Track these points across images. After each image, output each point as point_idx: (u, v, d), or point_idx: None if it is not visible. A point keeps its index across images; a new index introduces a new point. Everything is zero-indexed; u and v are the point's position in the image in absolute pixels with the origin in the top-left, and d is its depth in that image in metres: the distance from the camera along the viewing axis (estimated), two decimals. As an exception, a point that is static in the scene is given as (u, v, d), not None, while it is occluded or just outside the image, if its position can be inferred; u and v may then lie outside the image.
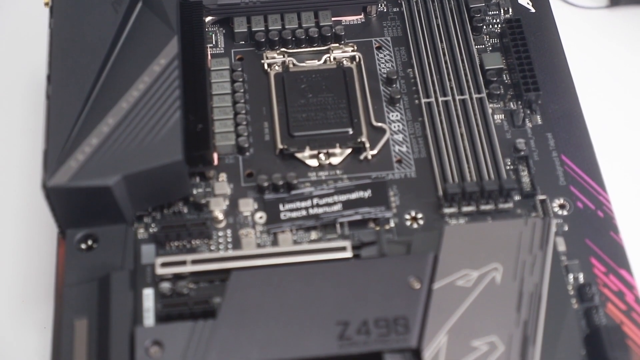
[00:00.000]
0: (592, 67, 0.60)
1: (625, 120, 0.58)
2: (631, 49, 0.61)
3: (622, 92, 0.59)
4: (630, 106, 0.59)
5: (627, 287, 0.48)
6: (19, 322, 0.50)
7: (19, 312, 0.50)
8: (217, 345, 0.44)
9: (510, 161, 0.52)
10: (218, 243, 0.50)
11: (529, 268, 0.47)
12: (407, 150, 0.53)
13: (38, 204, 0.51)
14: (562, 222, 0.50)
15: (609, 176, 0.53)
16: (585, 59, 0.59)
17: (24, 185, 0.54)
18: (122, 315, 0.45)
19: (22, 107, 0.57)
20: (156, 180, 0.47)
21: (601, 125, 0.57)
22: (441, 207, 0.51)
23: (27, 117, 0.57)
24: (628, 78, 0.60)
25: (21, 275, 0.51)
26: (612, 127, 0.57)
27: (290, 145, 0.52)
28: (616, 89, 0.59)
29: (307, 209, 0.50)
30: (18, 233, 0.53)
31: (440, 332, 0.45)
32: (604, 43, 0.61)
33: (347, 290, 0.46)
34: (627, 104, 0.59)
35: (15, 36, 0.60)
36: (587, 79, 0.58)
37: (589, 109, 0.55)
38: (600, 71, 0.60)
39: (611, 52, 0.61)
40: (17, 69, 0.59)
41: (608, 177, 0.52)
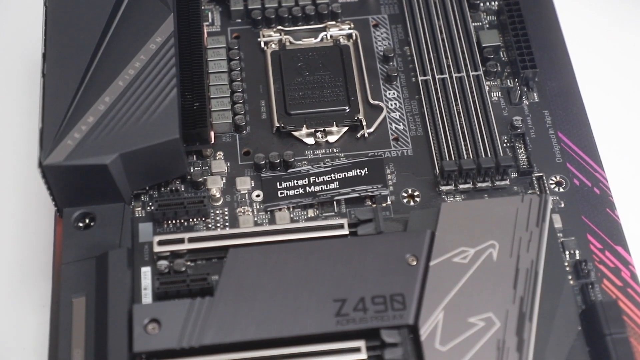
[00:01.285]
0: (589, 44, 0.59)
1: (622, 97, 0.58)
2: (628, 26, 0.61)
3: (619, 70, 0.59)
4: (627, 83, 0.59)
5: (623, 263, 0.49)
6: (17, 300, 0.50)
7: (17, 290, 0.50)
8: (214, 323, 0.45)
9: (507, 138, 0.52)
10: (215, 221, 0.50)
11: (526, 245, 0.47)
12: (404, 128, 0.53)
13: (35, 183, 0.51)
14: (558, 199, 0.50)
15: (606, 153, 0.53)
16: (582, 36, 0.59)
17: (21, 164, 0.54)
18: (119, 293, 0.45)
19: (17, 86, 0.57)
20: (153, 158, 0.47)
21: (598, 102, 0.57)
22: (438, 184, 0.51)
23: (23, 95, 0.57)
24: (625, 55, 0.60)
25: (19, 254, 0.51)
26: (609, 104, 0.57)
27: (287, 124, 0.52)
28: (613, 66, 0.59)
29: (304, 187, 0.50)
30: (16, 212, 0.53)
31: (437, 309, 0.45)
32: (601, 20, 0.61)
33: (344, 268, 0.46)
34: (624, 81, 0.59)
35: (10, 14, 0.60)
36: (584, 56, 0.58)
37: (586, 86, 0.55)
38: (598, 48, 0.60)
39: (608, 30, 0.61)
40: (12, 47, 0.59)
41: (605, 154, 0.53)
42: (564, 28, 0.57)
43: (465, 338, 0.44)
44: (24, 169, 0.54)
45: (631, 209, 0.53)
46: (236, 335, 0.44)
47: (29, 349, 0.48)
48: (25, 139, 0.55)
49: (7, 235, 0.52)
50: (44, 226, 0.52)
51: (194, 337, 0.44)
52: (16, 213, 0.53)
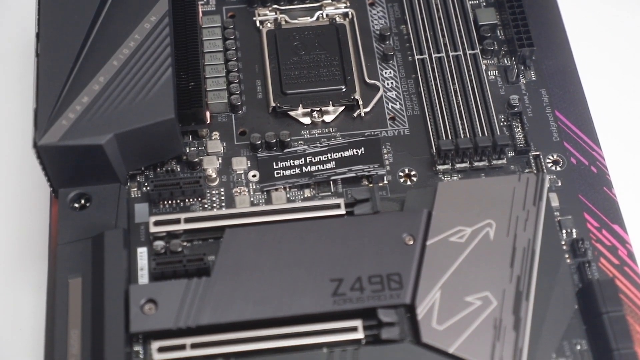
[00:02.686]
0: (586, 22, 0.59)
1: (620, 76, 0.58)
2: (625, 4, 0.61)
3: (617, 48, 0.59)
4: (624, 62, 0.58)
5: (620, 242, 0.49)
6: (13, 282, 0.50)
7: (13, 272, 0.50)
8: (211, 303, 0.45)
9: (504, 117, 0.52)
10: (211, 201, 0.49)
11: (522, 224, 0.47)
12: (401, 108, 0.53)
13: (31, 164, 0.51)
14: (555, 178, 0.50)
15: (603, 132, 0.53)
16: (579, 14, 0.59)
17: (16, 145, 0.54)
18: (116, 274, 0.45)
19: (11, 66, 0.57)
20: (148, 138, 0.47)
21: (595, 80, 0.56)
22: (435, 164, 0.51)
23: (17, 75, 0.56)
24: (623, 33, 0.59)
25: (15, 236, 0.51)
26: (606, 83, 0.57)
27: (283, 103, 0.52)
28: (611, 44, 0.59)
29: (300, 167, 0.50)
30: (11, 193, 0.53)
31: (434, 288, 0.45)
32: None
33: (340, 248, 0.46)
34: (621, 60, 0.58)
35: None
36: (582, 35, 0.58)
37: (583, 64, 0.55)
38: (595, 26, 0.59)
39: (605, 8, 0.60)
40: (6, 27, 0.58)
41: (602, 133, 0.52)
42: (561, 6, 0.56)
43: (462, 317, 0.44)
44: (19, 150, 0.54)
45: (628, 188, 0.53)
46: (233, 316, 0.44)
47: (25, 329, 0.48)
48: (20, 120, 0.54)
49: (3, 216, 0.52)
50: (40, 207, 0.52)
51: (190, 318, 0.44)
52: (11, 194, 0.53)
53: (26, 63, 0.56)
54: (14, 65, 0.57)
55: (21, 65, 0.57)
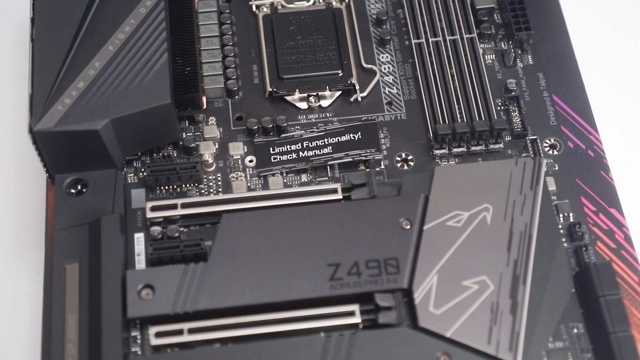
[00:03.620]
0: (584, 5, 0.59)
1: (617, 60, 0.58)
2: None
3: (614, 31, 0.59)
4: (621, 46, 0.58)
5: (617, 225, 0.49)
6: (10, 268, 0.50)
7: (10, 258, 0.50)
8: (208, 288, 0.45)
9: (501, 101, 0.52)
10: (208, 187, 0.49)
11: (519, 208, 0.47)
12: (398, 92, 0.53)
13: (27, 150, 0.50)
14: (552, 162, 0.50)
15: (600, 115, 0.53)
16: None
17: (12, 130, 0.54)
18: (113, 259, 0.45)
19: (6, 51, 0.57)
20: (144, 123, 0.47)
21: (593, 64, 0.56)
22: (432, 148, 0.51)
23: (12, 60, 0.56)
24: (620, 17, 0.59)
25: (11, 222, 0.51)
26: (603, 67, 0.57)
27: (280, 88, 0.52)
28: (608, 28, 0.59)
29: (297, 152, 0.50)
30: (7, 179, 0.53)
31: (431, 273, 0.45)
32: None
33: (337, 232, 0.46)
34: (618, 44, 0.58)
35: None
36: (579, 18, 0.58)
37: (581, 48, 0.55)
38: (592, 10, 0.59)
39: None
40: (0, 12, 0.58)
41: (599, 117, 0.52)
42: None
43: (459, 301, 0.44)
44: (14, 136, 0.53)
45: (625, 171, 0.53)
46: (230, 301, 0.44)
47: (23, 315, 0.48)
48: (15, 105, 0.54)
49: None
50: (36, 193, 0.51)
51: (187, 303, 0.44)
52: (7, 180, 0.52)
53: (21, 48, 0.56)
54: (8, 50, 0.57)
55: (16, 50, 0.56)
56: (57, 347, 0.43)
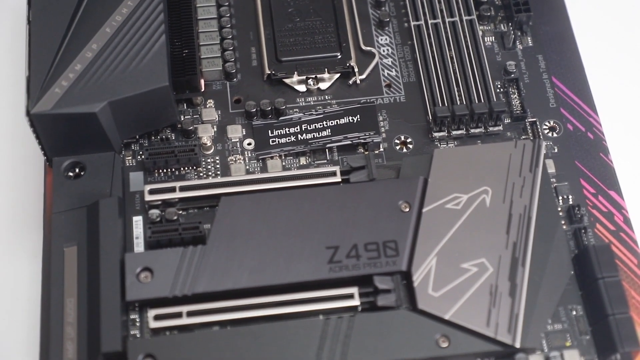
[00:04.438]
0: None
1: (617, 41, 0.57)
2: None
3: (614, 13, 0.58)
4: (622, 27, 0.58)
5: (616, 208, 0.48)
6: (9, 251, 0.50)
7: (9, 241, 0.50)
8: (207, 271, 0.44)
9: (501, 84, 0.52)
10: (207, 170, 0.49)
11: (519, 190, 0.47)
12: (396, 74, 0.52)
13: (24, 133, 0.50)
14: (552, 144, 0.50)
15: (600, 98, 0.53)
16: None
17: (9, 113, 0.53)
18: (111, 242, 0.45)
19: (3, 33, 0.56)
20: (142, 106, 0.47)
21: (592, 46, 0.56)
22: (431, 130, 0.50)
23: (9, 43, 0.56)
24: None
25: (10, 205, 0.51)
26: (603, 49, 0.57)
27: (278, 71, 0.52)
28: (608, 9, 0.58)
29: (296, 135, 0.50)
30: (5, 162, 0.52)
31: (430, 255, 0.45)
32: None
33: (336, 215, 0.46)
34: (618, 25, 0.58)
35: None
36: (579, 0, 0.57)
37: (581, 30, 0.55)
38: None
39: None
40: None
41: (599, 99, 0.52)
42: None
43: (458, 284, 0.44)
44: (12, 119, 0.53)
45: (625, 154, 0.53)
46: (229, 283, 0.44)
47: (22, 298, 0.48)
48: (13, 88, 0.54)
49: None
50: (34, 176, 0.51)
51: (186, 286, 0.44)
52: (5, 163, 0.52)
53: (18, 30, 0.55)
54: (5, 32, 0.56)
55: (13, 32, 0.56)
56: (56, 330, 0.43)
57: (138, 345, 0.43)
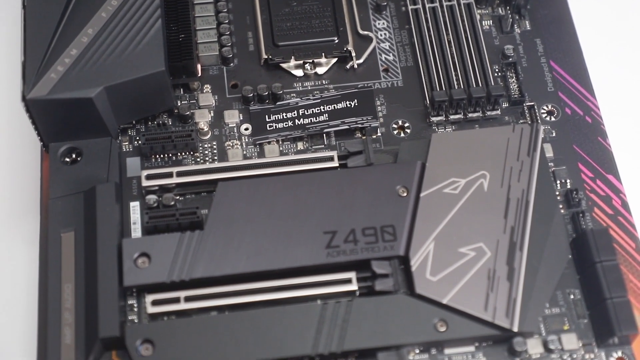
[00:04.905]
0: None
1: (616, 24, 0.57)
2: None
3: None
4: (620, 11, 0.58)
5: (614, 191, 0.48)
6: (6, 237, 0.50)
7: (6, 227, 0.50)
8: (204, 256, 0.44)
9: (498, 68, 0.52)
10: (204, 155, 0.49)
11: (517, 174, 0.47)
12: (394, 59, 0.52)
13: (20, 118, 0.50)
14: (550, 128, 0.50)
15: (598, 81, 0.52)
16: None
17: (6, 99, 0.53)
18: (108, 228, 0.45)
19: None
20: (139, 91, 0.47)
21: (591, 29, 0.56)
22: (428, 115, 0.50)
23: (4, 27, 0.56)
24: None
25: (6, 191, 0.51)
26: (601, 32, 0.56)
27: (275, 55, 0.51)
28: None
29: (293, 120, 0.50)
30: (1, 148, 0.52)
31: (428, 240, 0.45)
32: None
33: (334, 200, 0.46)
34: (617, 9, 0.58)
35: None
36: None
37: (579, 13, 0.54)
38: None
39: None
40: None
41: (597, 83, 0.52)
42: (556, -46, 0.55)
43: (455, 268, 0.44)
44: (8, 104, 0.53)
45: (623, 137, 0.52)
46: (226, 269, 0.44)
47: (19, 284, 0.48)
48: (8, 73, 0.54)
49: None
50: (31, 162, 0.51)
51: (184, 271, 0.44)
52: (1, 149, 0.52)
53: (13, 15, 0.55)
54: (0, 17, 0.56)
55: (8, 17, 0.56)
56: (54, 316, 0.43)
57: (136, 331, 0.43)
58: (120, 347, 0.43)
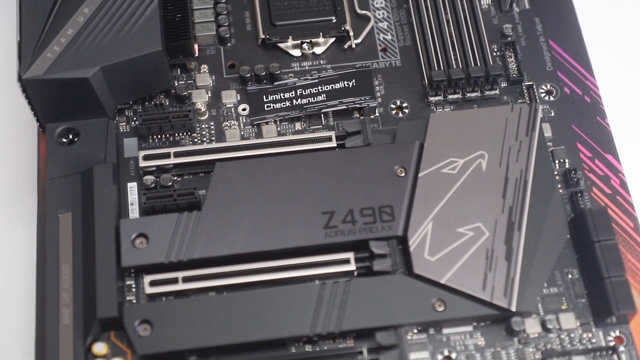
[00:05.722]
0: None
1: (615, 3, 0.57)
2: None
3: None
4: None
5: (613, 171, 0.48)
6: (4, 218, 0.50)
7: (3, 208, 0.50)
8: (202, 237, 0.44)
9: (497, 47, 0.51)
10: (201, 135, 0.49)
11: (515, 154, 0.47)
12: (392, 39, 0.52)
13: (17, 99, 0.50)
14: (548, 108, 0.50)
15: (597, 61, 0.52)
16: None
17: (2, 79, 0.53)
18: (106, 209, 0.45)
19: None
20: (135, 71, 0.46)
21: (590, 9, 0.55)
22: (427, 95, 0.50)
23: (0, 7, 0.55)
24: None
25: (3, 172, 0.51)
26: (600, 11, 0.56)
27: (273, 35, 0.51)
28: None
29: (291, 100, 0.50)
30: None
31: (426, 220, 0.45)
32: None
33: (332, 180, 0.46)
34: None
35: None
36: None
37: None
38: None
39: None
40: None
41: (596, 62, 0.52)
42: None
43: (454, 248, 0.44)
44: (4, 84, 0.53)
45: (622, 117, 0.52)
46: (225, 249, 0.44)
47: (17, 265, 0.48)
48: (4, 53, 0.53)
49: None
50: (27, 143, 0.51)
51: (182, 252, 0.44)
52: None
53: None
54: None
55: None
56: (52, 296, 0.43)
57: (134, 311, 0.43)
58: (119, 327, 0.43)
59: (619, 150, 0.49)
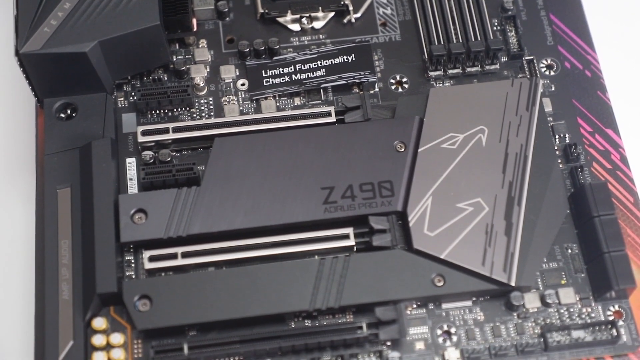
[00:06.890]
0: None
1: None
2: None
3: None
4: (621, -36, 0.57)
5: (613, 146, 0.48)
6: (2, 193, 0.49)
7: (1, 183, 0.50)
8: (201, 212, 0.44)
9: (497, 21, 0.51)
10: (200, 111, 0.49)
11: (515, 129, 0.46)
12: (392, 13, 0.52)
13: (14, 74, 0.50)
14: (549, 83, 0.50)
15: (598, 35, 0.52)
16: None
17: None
18: (104, 184, 0.44)
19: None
20: (133, 46, 0.46)
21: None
22: (426, 70, 0.50)
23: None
24: None
25: (1, 147, 0.51)
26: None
27: (272, 9, 0.51)
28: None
29: (290, 75, 0.49)
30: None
31: (426, 195, 0.45)
32: None
33: (331, 156, 0.46)
34: (618, -38, 0.57)
35: None
36: None
37: (579, -34, 0.54)
38: None
39: None
40: None
41: (597, 36, 0.51)
42: None
43: (453, 223, 0.44)
44: (1, 59, 0.52)
45: (622, 92, 0.52)
46: (224, 225, 0.44)
47: (16, 241, 0.48)
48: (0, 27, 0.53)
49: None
50: (25, 118, 0.51)
51: (181, 227, 0.44)
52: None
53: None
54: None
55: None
56: (51, 272, 0.43)
57: (133, 286, 0.43)
58: (118, 302, 0.43)
59: (620, 125, 0.49)
